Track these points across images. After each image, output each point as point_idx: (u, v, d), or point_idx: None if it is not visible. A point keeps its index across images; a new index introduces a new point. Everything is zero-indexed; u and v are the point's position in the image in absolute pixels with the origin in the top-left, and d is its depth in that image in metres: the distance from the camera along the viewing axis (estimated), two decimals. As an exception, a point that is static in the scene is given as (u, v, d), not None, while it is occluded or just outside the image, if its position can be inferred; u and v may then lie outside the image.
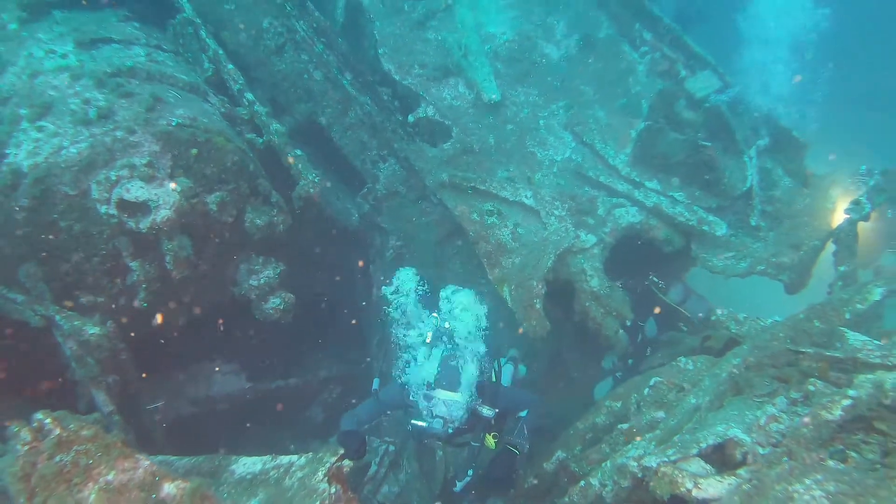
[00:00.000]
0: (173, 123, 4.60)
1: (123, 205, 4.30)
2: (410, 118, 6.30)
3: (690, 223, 5.88)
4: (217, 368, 6.26)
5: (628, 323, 5.78)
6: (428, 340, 4.79)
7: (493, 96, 6.31)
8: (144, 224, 4.34)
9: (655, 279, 6.63)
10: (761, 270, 5.74)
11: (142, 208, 4.31)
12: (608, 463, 4.28)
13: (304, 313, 5.71)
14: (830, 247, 5.86)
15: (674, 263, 7.30)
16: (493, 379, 4.90)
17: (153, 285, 4.79)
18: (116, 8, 5.77)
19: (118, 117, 4.48)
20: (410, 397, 4.48)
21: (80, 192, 4.33)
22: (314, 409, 7.30)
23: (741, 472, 3.10)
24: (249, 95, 5.66)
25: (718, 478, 3.09)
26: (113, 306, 4.80)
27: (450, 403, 4.30)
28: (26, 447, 2.29)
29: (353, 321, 7.53)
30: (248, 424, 6.36)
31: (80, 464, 2.36)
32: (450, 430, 4.38)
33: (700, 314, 6.53)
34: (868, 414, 3.21)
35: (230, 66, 5.77)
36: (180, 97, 5.01)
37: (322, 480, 3.16)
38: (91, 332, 4.00)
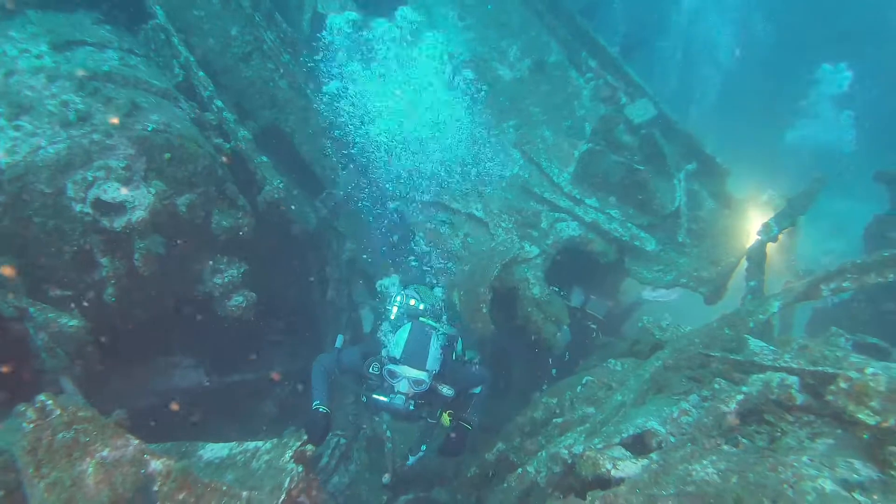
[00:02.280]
0: (149, 129, 4.85)
1: (99, 204, 4.53)
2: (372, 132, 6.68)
3: (624, 238, 6.50)
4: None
5: (565, 327, 6.33)
6: (392, 317, 4.91)
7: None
8: (119, 223, 4.58)
9: (556, 288, 7.24)
10: (684, 283, 6.42)
11: (117, 208, 4.55)
12: (543, 452, 4.72)
13: (262, 311, 6.00)
14: (745, 263, 6.58)
15: (609, 274, 7.97)
16: (454, 357, 4.93)
17: (121, 281, 5.01)
18: (89, 10, 5.92)
19: (96, 120, 4.70)
20: (371, 370, 4.48)
21: (56, 190, 4.53)
22: (268, 403, 7.54)
23: (652, 455, 3.65)
24: (219, 102, 5.93)
25: (633, 460, 3.62)
26: (81, 300, 5.00)
27: (414, 381, 4.29)
28: (32, 425, 2.57)
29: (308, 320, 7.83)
30: (195, 419, 6.51)
31: (80, 441, 2.66)
32: (411, 408, 4.37)
33: (601, 313, 7.31)
34: (760, 407, 3.82)
35: (201, 73, 6.01)
36: (154, 102, 5.24)
37: (289, 461, 3.50)
38: (70, 324, 4.21)
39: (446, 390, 4.48)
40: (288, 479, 3.14)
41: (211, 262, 5.57)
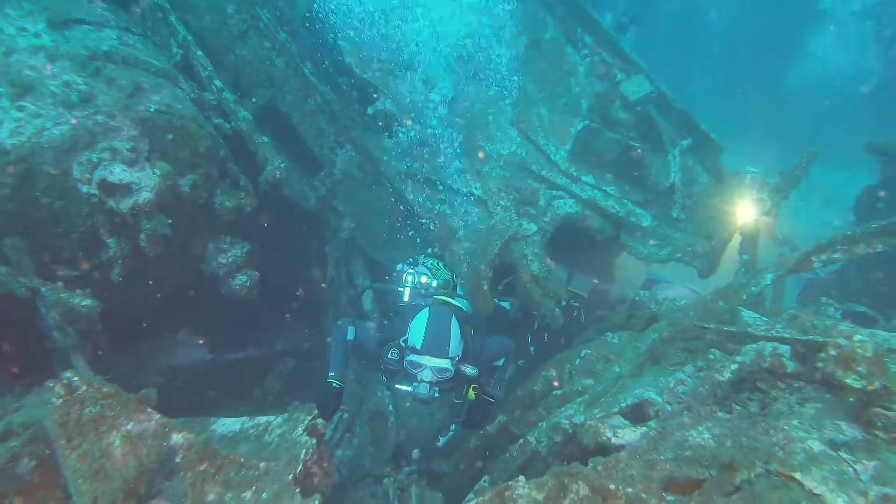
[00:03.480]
0: (151, 110, 4.87)
1: (105, 186, 4.58)
2: (370, 110, 6.71)
3: (620, 215, 6.60)
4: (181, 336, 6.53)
5: (564, 302, 6.44)
6: (406, 298, 4.74)
7: (447, 92, 6.80)
8: (125, 205, 4.63)
9: None
10: (679, 258, 6.56)
11: (123, 190, 4.60)
12: (544, 423, 4.88)
13: (264, 290, 6.09)
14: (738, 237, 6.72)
15: (605, 250, 8.09)
16: (472, 334, 4.79)
17: (128, 262, 5.07)
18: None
19: (99, 101, 4.72)
20: (389, 356, 4.33)
21: (62, 171, 4.56)
22: (271, 380, 7.67)
23: (651, 423, 3.81)
24: (218, 82, 5.93)
25: (633, 428, 3.78)
26: (88, 280, 5.06)
27: (438, 370, 4.18)
28: (61, 400, 2.68)
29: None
30: (210, 392, 6.67)
31: (106, 415, 2.78)
32: (435, 395, 4.29)
33: (585, 291, 7.48)
34: (752, 376, 3.99)
35: (199, 52, 6.00)
36: (154, 83, 5.24)
37: (302, 434, 3.64)
38: (84, 304, 4.28)
39: (469, 370, 4.38)
40: (304, 451, 3.27)
41: (215, 242, 5.62)
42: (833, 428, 3.30)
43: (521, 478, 3.32)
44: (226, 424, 4.24)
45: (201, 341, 6.62)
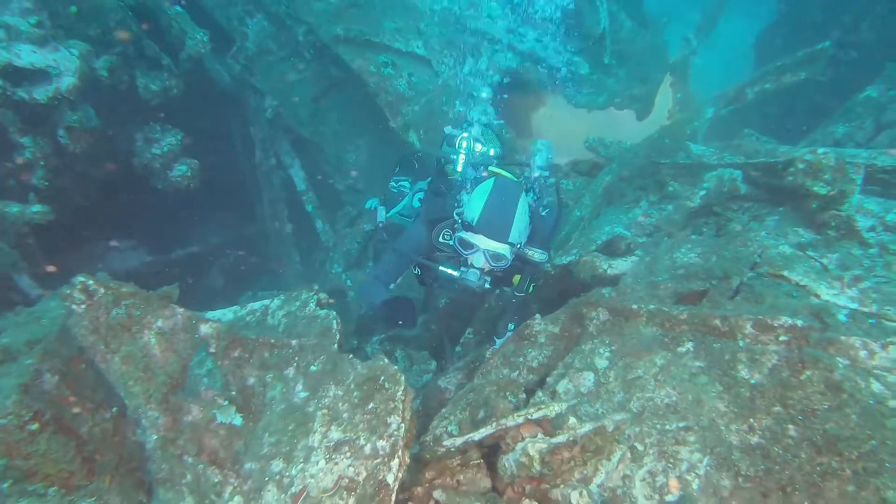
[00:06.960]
0: (43, -24, 4.07)
1: (10, 73, 3.88)
2: (288, -33, 6.00)
3: (558, 65, 6.56)
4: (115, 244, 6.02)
5: None
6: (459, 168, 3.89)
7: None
8: (42, 94, 3.98)
9: None
10: (618, 103, 6.73)
11: (37, 76, 3.93)
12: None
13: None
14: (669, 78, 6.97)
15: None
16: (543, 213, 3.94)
17: (50, 162, 4.47)
18: None
19: (-30, -33, 3.87)
20: (441, 238, 3.56)
21: (-52, 60, 3.80)
22: (214, 275, 7.36)
23: (637, 252, 4.11)
24: (105, -59, 4.99)
25: (623, 259, 4.06)
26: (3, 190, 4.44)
27: (492, 255, 3.35)
28: (84, 306, 2.44)
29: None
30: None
31: (133, 315, 2.58)
32: (486, 285, 3.49)
33: None
34: (709, 201, 4.36)
35: None
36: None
37: (317, 308, 3.57)
38: (34, 210, 3.78)
39: (538, 255, 3.49)
40: (334, 322, 3.22)
41: (143, 132, 5.05)
42: (794, 234, 3.74)
43: (538, 315, 3.51)
44: (216, 315, 4.07)
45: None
